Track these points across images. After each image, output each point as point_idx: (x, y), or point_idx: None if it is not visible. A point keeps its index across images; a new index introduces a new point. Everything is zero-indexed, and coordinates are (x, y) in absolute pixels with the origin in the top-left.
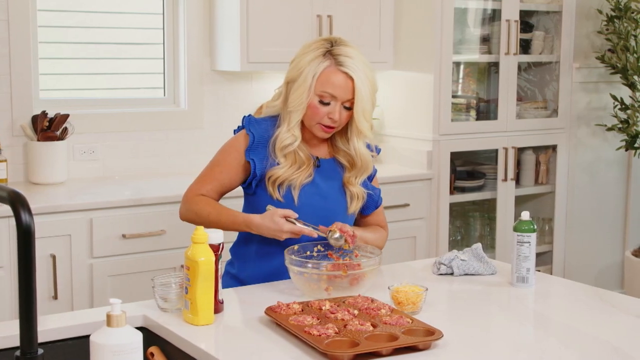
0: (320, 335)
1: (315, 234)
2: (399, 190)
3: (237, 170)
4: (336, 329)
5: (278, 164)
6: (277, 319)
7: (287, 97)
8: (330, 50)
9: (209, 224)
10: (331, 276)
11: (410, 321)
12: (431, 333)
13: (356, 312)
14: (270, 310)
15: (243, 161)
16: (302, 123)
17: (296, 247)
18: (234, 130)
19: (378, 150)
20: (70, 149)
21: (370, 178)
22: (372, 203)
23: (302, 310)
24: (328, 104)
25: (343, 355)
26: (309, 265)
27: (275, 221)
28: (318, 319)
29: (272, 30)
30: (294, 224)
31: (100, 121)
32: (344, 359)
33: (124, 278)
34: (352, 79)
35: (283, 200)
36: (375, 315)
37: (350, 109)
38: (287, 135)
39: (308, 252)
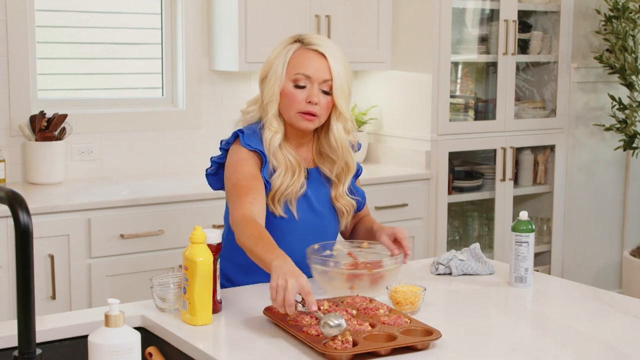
0: (318, 335)
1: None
2: (397, 190)
3: (260, 178)
4: None
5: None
6: (275, 319)
7: (262, 94)
8: (298, 39)
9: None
10: (353, 275)
11: (409, 321)
12: (429, 333)
13: (354, 312)
14: (268, 311)
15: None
16: (287, 125)
17: (316, 246)
18: (220, 148)
19: (359, 147)
20: (68, 149)
21: (356, 176)
22: (359, 204)
23: None
24: (304, 87)
25: (341, 355)
26: (331, 264)
27: (296, 273)
28: (316, 319)
29: (270, 30)
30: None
31: (98, 121)
32: (342, 359)
33: (122, 278)
34: (324, 55)
35: (286, 216)
36: (373, 315)
37: (328, 93)
38: (268, 133)
39: (328, 251)
